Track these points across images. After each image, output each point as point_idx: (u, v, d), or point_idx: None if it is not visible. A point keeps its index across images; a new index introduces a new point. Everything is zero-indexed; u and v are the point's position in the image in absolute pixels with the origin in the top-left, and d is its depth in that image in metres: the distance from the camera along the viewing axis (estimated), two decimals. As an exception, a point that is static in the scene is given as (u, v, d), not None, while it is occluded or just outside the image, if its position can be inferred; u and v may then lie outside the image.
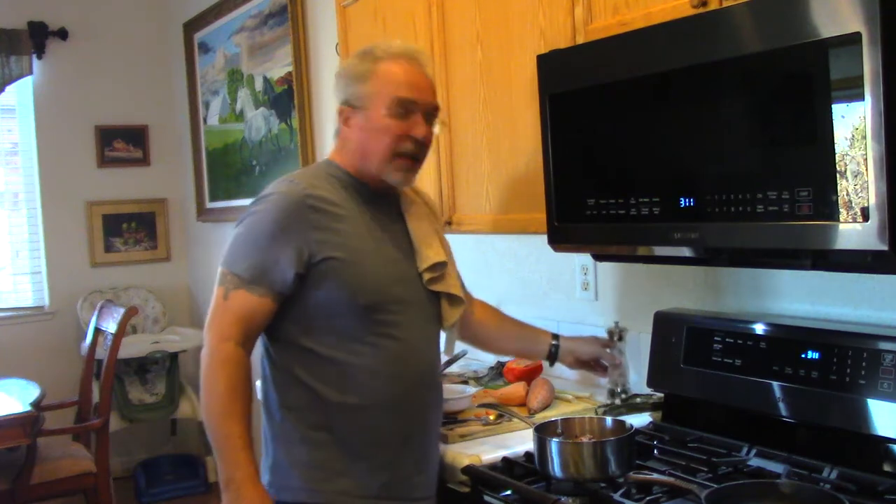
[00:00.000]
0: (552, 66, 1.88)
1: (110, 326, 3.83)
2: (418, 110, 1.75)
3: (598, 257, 2.09)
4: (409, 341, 1.77)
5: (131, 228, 5.13)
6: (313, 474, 1.73)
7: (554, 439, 1.67)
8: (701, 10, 1.60)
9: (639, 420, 2.02)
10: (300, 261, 1.67)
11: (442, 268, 1.82)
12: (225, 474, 1.63)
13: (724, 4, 1.56)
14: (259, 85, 4.25)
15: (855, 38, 1.28)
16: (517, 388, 2.29)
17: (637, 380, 2.23)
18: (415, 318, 1.79)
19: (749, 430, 1.82)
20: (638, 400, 2.16)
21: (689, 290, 2.16)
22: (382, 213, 1.82)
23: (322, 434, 1.73)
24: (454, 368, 2.73)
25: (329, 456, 1.73)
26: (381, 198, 1.83)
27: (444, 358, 2.01)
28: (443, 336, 1.92)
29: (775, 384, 1.76)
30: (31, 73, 4.80)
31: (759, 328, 1.84)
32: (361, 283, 1.71)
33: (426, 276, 1.80)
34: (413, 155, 1.76)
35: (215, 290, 1.71)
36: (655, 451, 1.83)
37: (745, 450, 1.78)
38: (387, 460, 1.75)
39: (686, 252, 1.68)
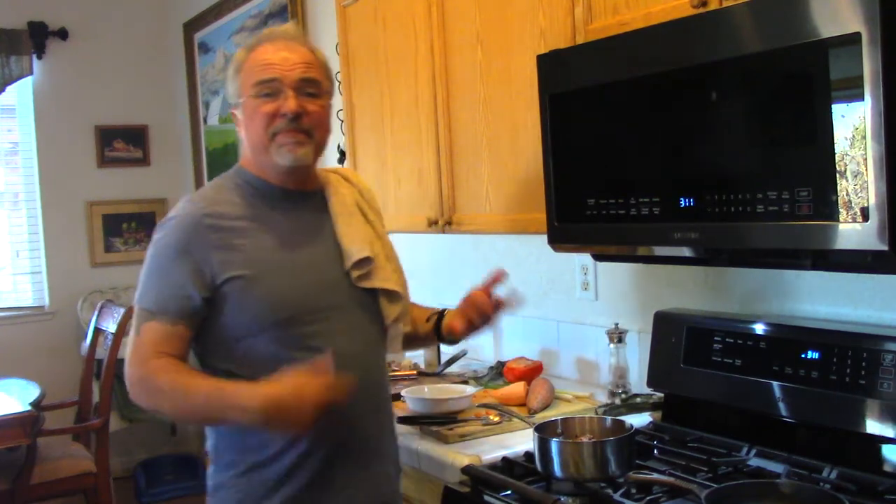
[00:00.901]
0: (552, 66, 1.88)
1: (110, 326, 3.83)
2: (285, 87, 1.64)
3: (598, 257, 2.09)
4: (339, 349, 1.63)
5: (131, 228, 5.13)
6: (242, 498, 1.67)
7: (554, 439, 1.67)
8: (701, 10, 1.59)
9: (639, 420, 2.02)
10: (203, 284, 1.60)
11: (368, 264, 1.72)
12: (247, 415, 1.51)
13: (724, 4, 1.56)
14: (259, 85, 4.24)
15: (855, 38, 1.28)
16: (517, 388, 2.29)
17: (637, 380, 2.23)
18: (346, 324, 1.69)
19: (749, 430, 1.82)
20: (638, 400, 2.16)
21: (689, 290, 2.16)
22: (304, 215, 1.74)
23: (251, 456, 1.65)
24: (454, 368, 2.73)
25: (258, 479, 1.65)
26: (303, 198, 1.75)
27: (388, 357, 1.88)
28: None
29: (775, 384, 1.76)
30: (31, 73, 4.80)
31: (759, 328, 1.84)
32: (271, 299, 1.62)
33: (354, 274, 1.70)
34: (291, 129, 1.65)
35: (131, 333, 1.64)
36: (655, 451, 1.83)
37: (745, 450, 1.78)
38: (317, 477, 1.65)
39: (686, 252, 1.68)
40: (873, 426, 1.59)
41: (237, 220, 1.66)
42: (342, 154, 3.43)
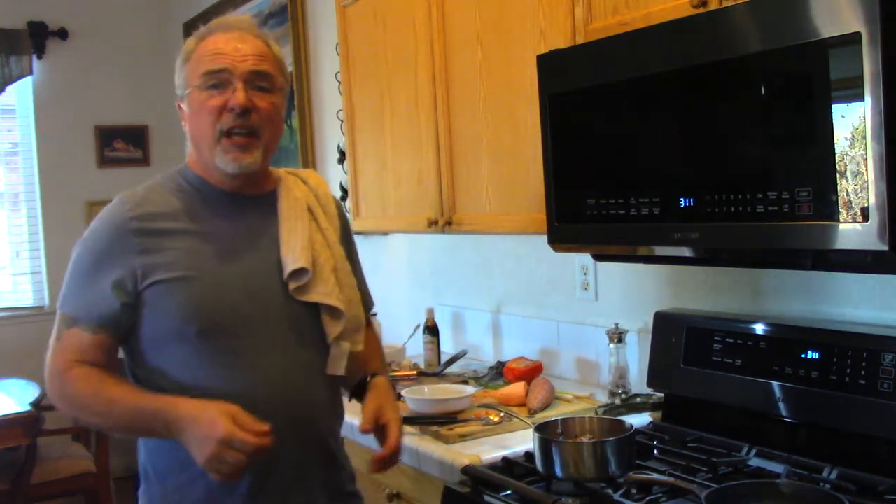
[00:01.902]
0: (552, 66, 1.88)
1: (110, 326, 3.83)
2: (235, 79, 1.53)
3: (598, 257, 2.09)
4: (265, 369, 1.54)
5: (131, 228, 5.13)
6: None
7: (554, 439, 1.68)
8: (701, 10, 1.59)
9: (639, 420, 2.02)
10: (124, 290, 1.51)
11: (304, 275, 1.57)
12: (166, 430, 1.44)
13: (724, 4, 1.56)
14: (259, 85, 4.24)
15: (855, 38, 1.28)
16: (517, 388, 2.29)
17: (637, 380, 2.23)
18: (275, 340, 1.56)
19: (749, 430, 1.82)
20: (638, 400, 2.16)
21: (689, 290, 2.16)
22: (249, 220, 1.61)
23: (172, 477, 1.56)
24: (454, 368, 2.73)
25: (178, 501, 1.56)
26: (250, 202, 1.63)
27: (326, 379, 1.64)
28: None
29: (775, 384, 1.76)
30: (31, 73, 4.80)
31: (759, 328, 1.84)
32: (191, 306, 1.51)
33: (291, 286, 1.57)
34: (239, 130, 1.53)
35: (51, 337, 1.56)
36: (655, 451, 1.83)
37: (745, 450, 1.78)
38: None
39: (686, 252, 1.68)
40: (873, 426, 1.59)
41: (168, 222, 1.56)
42: (342, 154, 3.43)
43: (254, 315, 1.55)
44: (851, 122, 1.31)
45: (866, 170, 1.30)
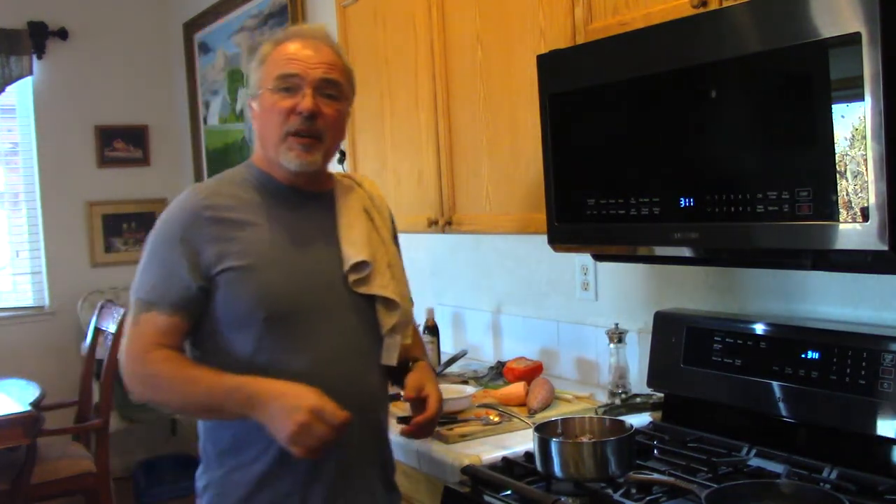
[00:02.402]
0: (552, 66, 1.88)
1: (110, 326, 3.83)
2: (304, 84, 1.63)
3: (598, 257, 2.09)
4: (325, 354, 1.63)
5: (131, 228, 5.13)
6: (219, 501, 1.66)
7: (554, 439, 1.67)
8: (701, 10, 1.60)
9: (639, 420, 2.02)
10: (199, 274, 1.59)
11: (364, 268, 1.68)
12: (247, 404, 1.51)
13: (724, 4, 1.56)
14: (259, 85, 4.24)
15: (855, 39, 1.28)
16: (517, 388, 2.29)
17: (637, 380, 2.23)
18: (336, 328, 1.66)
19: (749, 430, 1.82)
20: (638, 400, 2.16)
21: (689, 290, 2.16)
22: (310, 215, 1.72)
23: (229, 459, 1.65)
24: (454, 368, 2.73)
25: (235, 481, 1.64)
26: (311, 198, 1.73)
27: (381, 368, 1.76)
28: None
29: (775, 384, 1.76)
30: (31, 73, 4.80)
31: (759, 328, 1.84)
32: (261, 292, 1.60)
33: (351, 279, 1.67)
34: (304, 132, 1.63)
35: (127, 321, 1.64)
36: (655, 451, 1.83)
37: (745, 450, 1.78)
38: (293, 488, 1.62)
39: (686, 252, 1.68)
40: (873, 426, 1.59)
41: (238, 213, 1.65)
42: (342, 154, 3.42)
43: (316, 303, 1.65)
44: (851, 122, 1.31)
45: (866, 170, 1.30)
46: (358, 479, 1.68)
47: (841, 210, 1.34)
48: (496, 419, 2.12)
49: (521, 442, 1.94)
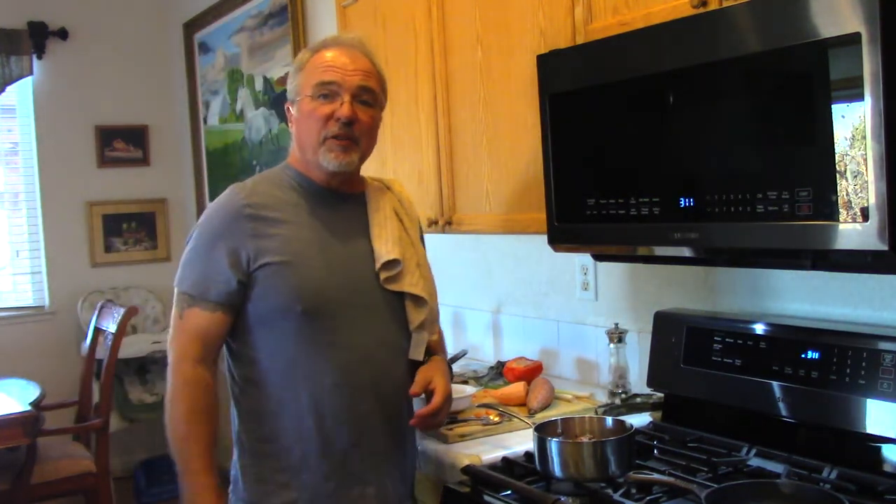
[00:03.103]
0: (552, 66, 1.88)
1: (110, 326, 3.83)
2: (343, 91, 1.72)
3: (598, 257, 2.09)
4: (358, 348, 1.73)
5: (131, 228, 5.13)
6: (258, 488, 1.73)
7: (554, 439, 1.67)
8: (701, 10, 1.59)
9: (639, 420, 2.02)
10: (239, 269, 1.68)
11: (395, 266, 1.77)
12: (187, 496, 1.67)
13: (724, 4, 1.56)
14: (259, 85, 4.25)
15: (855, 38, 1.28)
16: (517, 388, 2.29)
17: (637, 380, 2.23)
18: (368, 323, 1.75)
19: (749, 430, 1.82)
20: (638, 400, 2.16)
21: (689, 290, 2.16)
22: (344, 215, 1.81)
23: (267, 446, 1.73)
24: (454, 368, 2.72)
25: (273, 468, 1.72)
26: (345, 199, 1.82)
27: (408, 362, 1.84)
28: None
29: (775, 384, 1.76)
30: (31, 73, 4.80)
31: (759, 328, 1.84)
32: (299, 286, 1.68)
33: (382, 276, 1.77)
34: (342, 136, 1.72)
35: (173, 311, 1.74)
36: (655, 451, 1.83)
37: (745, 450, 1.78)
38: (331, 472, 1.72)
39: (686, 252, 1.68)
40: (873, 426, 1.59)
41: (276, 211, 1.73)
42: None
43: (350, 299, 1.73)
44: (851, 122, 1.31)
45: (866, 170, 1.30)
46: (389, 465, 1.79)
47: (841, 210, 1.34)
48: (496, 419, 2.11)
49: (521, 442, 1.94)
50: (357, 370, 1.72)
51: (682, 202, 1.60)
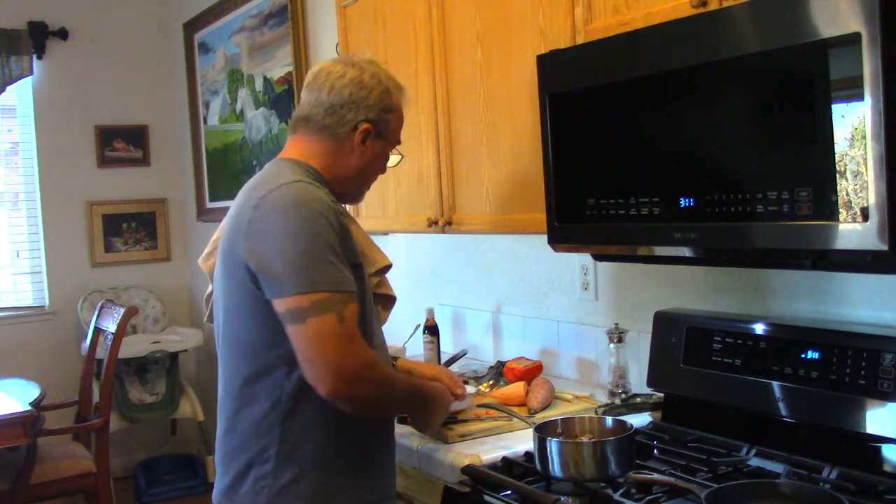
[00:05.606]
0: (552, 66, 1.88)
1: (110, 326, 3.83)
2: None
3: (598, 257, 2.09)
4: (381, 346, 1.78)
5: (131, 228, 5.13)
6: (319, 492, 1.64)
7: (554, 439, 1.67)
8: (701, 10, 1.60)
9: (639, 420, 2.02)
10: (346, 264, 1.61)
11: (387, 272, 1.85)
12: (431, 399, 1.76)
13: (724, 4, 1.56)
14: (259, 85, 4.25)
15: (855, 38, 1.28)
16: (517, 388, 2.29)
17: (637, 380, 2.23)
18: (376, 326, 1.79)
19: (749, 430, 1.82)
20: (638, 400, 2.16)
21: (689, 290, 2.16)
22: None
23: (328, 449, 1.65)
24: (454, 368, 2.73)
25: (332, 470, 1.65)
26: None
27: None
28: None
29: (775, 384, 1.76)
30: (31, 73, 4.80)
31: (759, 328, 1.84)
32: (366, 291, 1.70)
33: (373, 281, 1.82)
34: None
35: (311, 322, 1.51)
36: (655, 451, 1.83)
37: (745, 450, 1.79)
38: (383, 468, 1.75)
39: (686, 252, 1.68)
40: (873, 426, 1.59)
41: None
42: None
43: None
44: (851, 122, 1.31)
45: (866, 170, 1.30)
46: (388, 455, 1.82)
47: (841, 210, 1.34)
48: (496, 419, 2.11)
49: (521, 442, 1.94)
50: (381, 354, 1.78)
51: (682, 202, 1.60)
